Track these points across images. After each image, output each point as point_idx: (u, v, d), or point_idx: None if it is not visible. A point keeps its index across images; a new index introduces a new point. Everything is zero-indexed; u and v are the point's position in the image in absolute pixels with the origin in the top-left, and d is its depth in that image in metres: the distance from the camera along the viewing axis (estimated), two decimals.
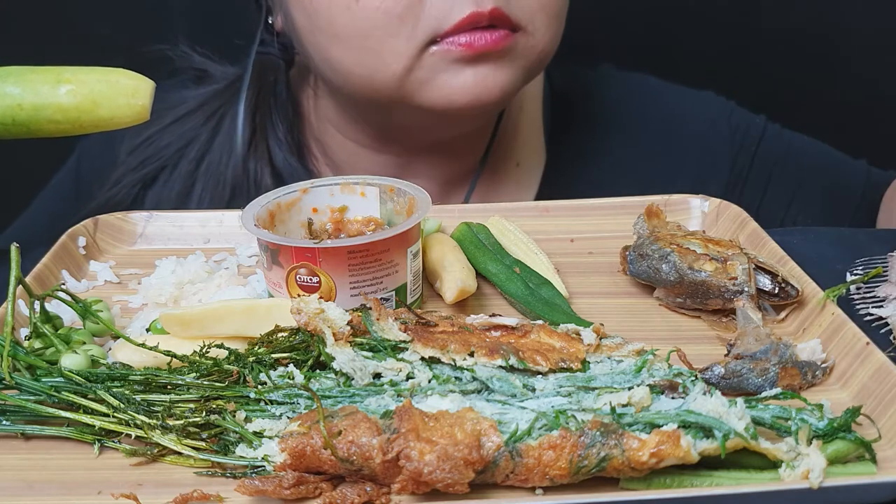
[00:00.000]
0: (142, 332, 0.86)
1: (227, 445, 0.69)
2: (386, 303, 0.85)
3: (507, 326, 0.77)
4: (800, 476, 0.63)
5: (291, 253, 0.83)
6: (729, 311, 0.86)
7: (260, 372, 0.73)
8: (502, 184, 1.29)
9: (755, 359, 0.76)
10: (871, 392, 0.73)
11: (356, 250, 0.82)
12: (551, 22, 1.11)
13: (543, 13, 1.10)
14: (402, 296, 0.86)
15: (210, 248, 1.03)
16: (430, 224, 1.01)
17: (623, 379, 0.70)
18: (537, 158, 1.33)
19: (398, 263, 0.85)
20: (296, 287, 0.84)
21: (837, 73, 1.68)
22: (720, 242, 0.90)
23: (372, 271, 0.83)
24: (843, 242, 1.01)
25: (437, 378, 0.72)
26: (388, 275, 0.84)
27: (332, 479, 0.66)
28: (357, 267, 0.82)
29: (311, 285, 0.83)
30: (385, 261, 0.83)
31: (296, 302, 0.75)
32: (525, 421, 0.66)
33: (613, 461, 0.63)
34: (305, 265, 0.82)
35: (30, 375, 0.75)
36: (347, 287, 0.83)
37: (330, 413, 0.67)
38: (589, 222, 1.05)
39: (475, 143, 1.27)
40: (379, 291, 0.84)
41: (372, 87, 1.11)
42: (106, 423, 0.71)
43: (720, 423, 0.64)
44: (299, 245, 0.82)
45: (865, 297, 0.90)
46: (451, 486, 0.62)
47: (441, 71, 1.07)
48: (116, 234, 1.04)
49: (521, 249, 0.97)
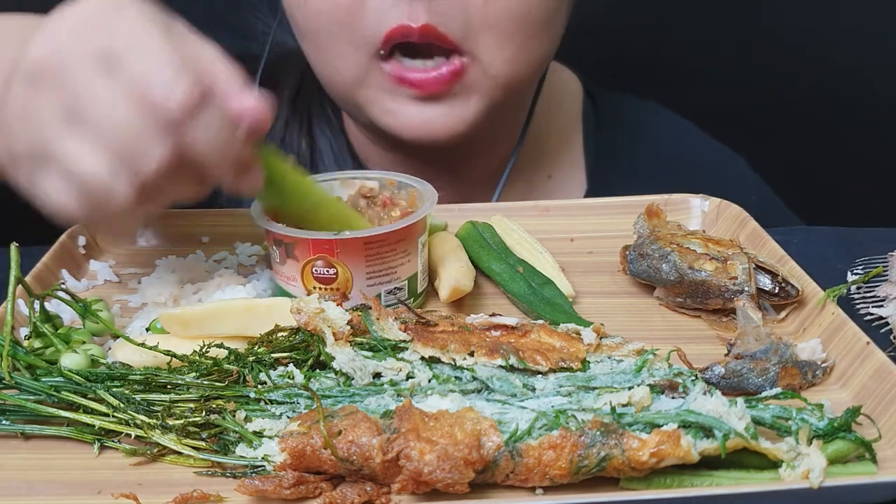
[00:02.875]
0: (142, 331, 0.85)
1: (227, 445, 0.69)
2: (399, 292, 0.86)
3: (507, 326, 0.77)
4: (800, 476, 0.63)
5: (308, 245, 0.83)
6: (729, 311, 0.86)
7: (260, 372, 0.73)
8: (532, 194, 1.26)
9: (755, 358, 0.76)
10: (871, 392, 0.73)
11: (373, 241, 0.83)
12: (505, 45, 1.02)
13: (491, 35, 1.01)
14: (413, 285, 0.88)
15: (210, 247, 1.03)
16: (438, 223, 1.02)
17: (623, 379, 0.70)
18: (572, 173, 1.29)
19: (410, 253, 0.86)
20: (311, 280, 0.84)
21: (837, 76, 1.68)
22: (720, 242, 0.90)
23: (388, 261, 0.85)
24: (843, 242, 1.01)
25: (437, 378, 0.72)
26: (401, 264, 0.86)
27: (332, 478, 0.66)
28: (374, 257, 0.84)
29: (328, 277, 0.84)
30: (400, 250, 0.85)
31: (296, 302, 0.75)
32: (525, 421, 0.66)
33: (613, 461, 0.63)
34: (323, 257, 0.83)
35: (29, 375, 0.75)
36: (364, 277, 0.84)
37: (330, 413, 0.67)
38: (589, 222, 1.04)
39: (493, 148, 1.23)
40: (393, 281, 0.85)
41: (333, 90, 1.11)
42: (106, 422, 0.71)
43: (720, 423, 0.64)
44: (317, 237, 0.83)
45: (865, 296, 0.90)
46: (451, 486, 0.62)
47: (389, 95, 1.04)
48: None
49: (525, 249, 0.97)
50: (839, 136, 1.70)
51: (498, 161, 1.25)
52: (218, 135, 0.71)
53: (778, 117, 1.71)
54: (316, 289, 0.84)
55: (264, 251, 0.99)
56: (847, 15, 1.65)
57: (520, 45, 1.05)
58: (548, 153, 1.29)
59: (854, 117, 1.68)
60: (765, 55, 1.68)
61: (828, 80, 1.67)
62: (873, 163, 1.71)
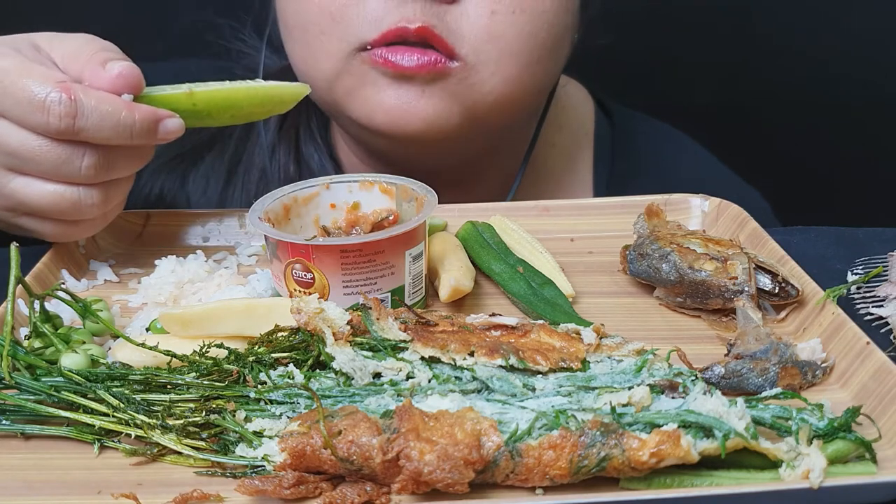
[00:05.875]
0: (141, 331, 0.85)
1: (227, 445, 0.69)
2: (382, 304, 0.85)
3: (507, 326, 0.77)
4: (800, 476, 0.63)
5: (287, 248, 0.83)
6: (729, 311, 0.86)
7: (260, 371, 0.73)
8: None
9: (755, 358, 0.76)
10: (871, 392, 0.73)
11: (349, 249, 0.82)
12: (505, 60, 1.01)
13: (493, 46, 1.00)
14: (400, 298, 0.86)
15: (210, 247, 1.03)
16: (436, 222, 1.01)
17: (623, 378, 0.70)
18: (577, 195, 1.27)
19: (394, 265, 0.84)
20: (292, 282, 0.84)
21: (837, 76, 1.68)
22: (720, 242, 0.90)
23: (365, 271, 0.83)
24: (843, 242, 1.01)
25: (437, 378, 0.72)
26: (382, 276, 0.84)
27: (332, 478, 0.66)
28: (350, 266, 0.83)
29: (306, 281, 0.83)
30: (380, 262, 0.83)
31: (295, 301, 0.75)
32: (525, 421, 0.65)
33: (613, 461, 0.63)
34: (300, 261, 0.83)
35: (29, 375, 0.74)
36: (340, 286, 0.83)
37: (330, 413, 0.67)
38: (589, 222, 1.04)
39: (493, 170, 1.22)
40: (373, 292, 0.84)
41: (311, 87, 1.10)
42: (106, 422, 0.71)
43: (720, 423, 0.64)
44: (294, 241, 0.83)
45: (865, 296, 0.90)
46: (451, 486, 0.62)
47: (367, 83, 1.03)
48: (116, 233, 1.03)
49: (525, 249, 0.97)
50: (839, 136, 1.70)
51: (496, 186, 1.23)
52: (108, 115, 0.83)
53: (778, 117, 1.71)
54: (297, 291, 0.84)
55: (264, 251, 0.99)
56: (848, 15, 1.66)
57: (522, 67, 1.03)
58: (550, 175, 1.27)
59: (854, 117, 1.68)
60: (765, 55, 1.68)
61: (828, 80, 1.67)
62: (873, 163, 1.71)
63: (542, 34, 1.03)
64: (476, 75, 1.02)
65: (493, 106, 1.05)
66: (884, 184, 1.66)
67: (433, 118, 1.03)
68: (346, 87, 1.05)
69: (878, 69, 1.65)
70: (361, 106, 1.05)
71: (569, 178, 1.28)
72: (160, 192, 1.24)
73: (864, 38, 1.66)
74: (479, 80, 1.02)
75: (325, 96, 1.10)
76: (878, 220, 1.05)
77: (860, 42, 1.65)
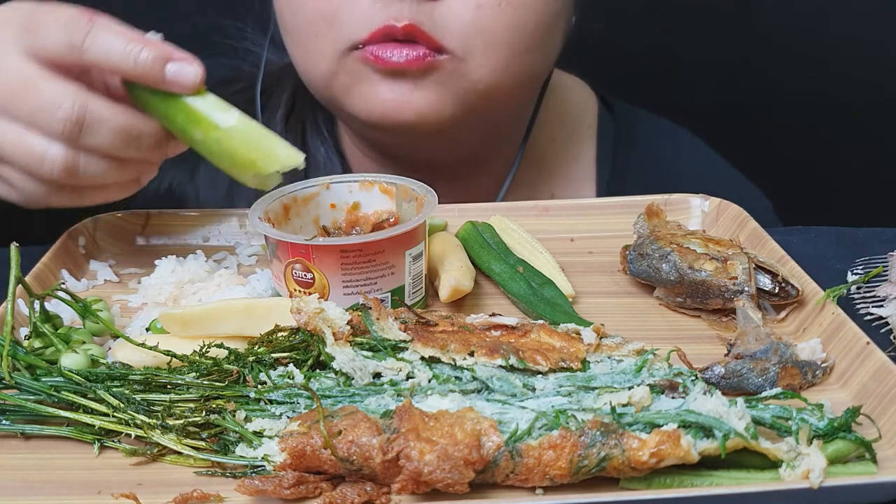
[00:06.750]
0: (141, 331, 0.85)
1: (227, 445, 0.69)
2: (382, 304, 0.85)
3: (507, 326, 0.77)
4: (800, 476, 0.63)
5: (287, 248, 0.83)
6: (729, 311, 0.86)
7: (260, 371, 0.73)
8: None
9: (755, 358, 0.76)
10: (871, 392, 0.73)
11: (349, 249, 0.82)
12: (492, 51, 1.03)
13: (481, 39, 1.02)
14: (400, 298, 0.86)
15: (210, 247, 1.03)
16: (436, 222, 1.01)
17: (623, 378, 0.70)
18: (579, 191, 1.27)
19: (394, 265, 0.84)
20: (292, 282, 0.84)
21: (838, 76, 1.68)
22: (720, 242, 0.90)
23: (365, 271, 0.83)
24: (843, 242, 1.01)
25: (437, 378, 0.72)
26: (382, 276, 0.84)
27: (332, 478, 0.66)
28: (350, 266, 0.83)
29: (306, 281, 0.84)
30: (380, 262, 0.83)
31: (296, 301, 0.75)
32: (525, 421, 0.66)
33: (613, 461, 0.63)
34: (300, 261, 0.83)
35: (29, 375, 0.75)
36: (340, 285, 0.83)
37: (330, 413, 0.67)
38: (589, 222, 1.04)
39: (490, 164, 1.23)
40: (373, 292, 0.84)
41: (311, 85, 1.12)
42: (106, 422, 0.71)
43: (720, 423, 0.64)
44: (294, 241, 0.83)
45: (865, 296, 0.90)
46: (451, 486, 0.62)
47: (361, 80, 1.05)
48: (116, 233, 1.03)
49: (525, 249, 0.97)
50: (839, 136, 1.70)
51: (496, 177, 1.24)
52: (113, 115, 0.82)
53: (778, 117, 1.71)
54: (296, 291, 0.84)
55: (264, 251, 0.99)
56: (848, 15, 1.65)
57: (510, 57, 1.04)
58: (551, 169, 1.28)
59: (854, 117, 1.68)
60: (765, 55, 1.68)
61: (828, 80, 1.67)
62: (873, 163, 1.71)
63: (529, 24, 1.04)
64: (465, 66, 1.03)
65: (483, 95, 1.06)
66: (884, 184, 1.66)
67: (426, 110, 1.05)
68: (342, 85, 1.07)
69: (878, 69, 1.65)
70: (358, 102, 1.07)
71: (572, 173, 1.29)
72: (169, 186, 1.24)
73: (864, 38, 1.66)
74: (469, 70, 1.04)
75: (324, 93, 1.11)
76: (878, 220, 1.05)
77: (860, 42, 1.65)
